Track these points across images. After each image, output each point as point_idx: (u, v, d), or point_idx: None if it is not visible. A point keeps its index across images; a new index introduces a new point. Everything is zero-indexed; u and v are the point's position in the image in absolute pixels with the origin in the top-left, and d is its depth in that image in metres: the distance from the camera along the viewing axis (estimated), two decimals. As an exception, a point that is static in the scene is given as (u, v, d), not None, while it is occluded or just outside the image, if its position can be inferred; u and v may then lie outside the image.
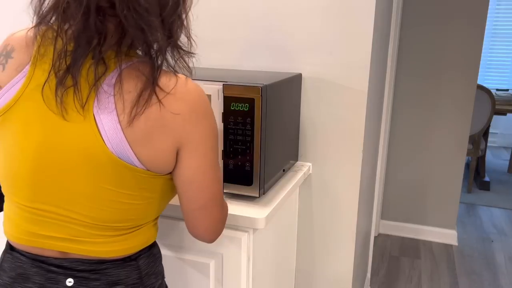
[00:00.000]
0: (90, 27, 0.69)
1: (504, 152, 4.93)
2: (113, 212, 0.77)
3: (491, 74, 4.97)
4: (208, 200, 0.82)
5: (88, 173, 0.73)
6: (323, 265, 1.50)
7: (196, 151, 0.78)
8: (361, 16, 1.27)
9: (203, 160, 0.79)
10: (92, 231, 0.77)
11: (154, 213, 0.84)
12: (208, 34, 1.44)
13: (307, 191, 1.45)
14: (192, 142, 0.77)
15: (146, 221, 0.83)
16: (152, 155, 0.75)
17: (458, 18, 2.50)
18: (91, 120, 0.72)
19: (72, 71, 0.70)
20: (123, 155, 0.73)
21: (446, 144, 2.67)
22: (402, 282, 2.39)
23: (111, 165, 0.73)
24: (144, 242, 0.84)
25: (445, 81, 2.59)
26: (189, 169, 0.79)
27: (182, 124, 0.75)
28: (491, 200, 3.50)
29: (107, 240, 0.79)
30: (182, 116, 0.74)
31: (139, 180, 0.76)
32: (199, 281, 1.12)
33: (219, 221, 0.86)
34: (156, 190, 0.80)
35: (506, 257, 2.66)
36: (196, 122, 0.76)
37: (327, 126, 1.38)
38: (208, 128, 0.79)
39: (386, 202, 2.87)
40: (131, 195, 0.77)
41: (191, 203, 0.82)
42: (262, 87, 1.01)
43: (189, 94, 0.76)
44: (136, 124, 0.72)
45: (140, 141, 0.73)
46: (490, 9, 4.72)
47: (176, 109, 0.74)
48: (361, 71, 1.31)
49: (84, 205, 0.75)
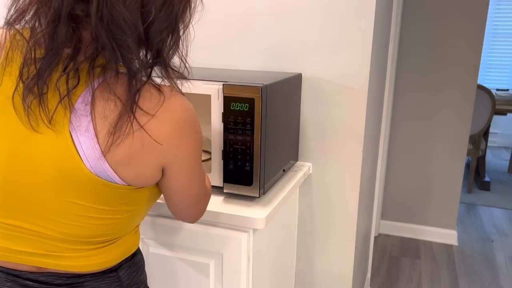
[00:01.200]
0: (59, 35, 0.64)
1: (504, 152, 4.93)
2: (88, 227, 0.72)
3: (491, 74, 4.97)
4: (194, 200, 0.84)
5: (62, 189, 0.69)
6: (323, 265, 1.50)
7: (182, 167, 0.76)
8: (361, 16, 1.27)
9: (190, 174, 0.78)
10: (68, 246, 0.74)
11: (135, 224, 0.81)
12: (208, 34, 1.44)
13: (307, 191, 1.45)
14: (178, 160, 0.74)
15: (126, 232, 0.80)
16: (135, 174, 0.71)
17: (458, 18, 2.50)
18: (67, 136, 0.67)
19: (37, 81, 0.65)
20: (102, 174, 0.68)
21: (446, 144, 2.67)
22: (402, 282, 2.39)
23: (89, 183, 0.68)
24: (125, 252, 0.81)
25: (445, 81, 2.59)
26: (176, 183, 0.78)
27: (167, 146, 0.71)
28: (491, 200, 3.50)
29: (85, 254, 0.75)
30: (166, 139, 0.70)
31: (120, 196, 0.72)
32: (199, 281, 1.12)
33: (203, 206, 0.89)
34: (138, 203, 0.76)
35: (506, 257, 2.66)
36: (182, 141, 0.72)
37: (327, 126, 1.38)
38: (194, 144, 0.75)
39: (386, 202, 2.87)
40: (110, 210, 0.72)
41: (178, 205, 0.84)
42: (262, 87, 1.01)
43: (174, 113, 0.70)
44: (116, 149, 0.67)
45: (122, 163, 0.68)
46: (490, 9, 4.72)
47: (160, 132, 0.69)
48: (361, 71, 1.31)
49: (56, 221, 0.71)
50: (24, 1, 0.66)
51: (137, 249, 0.87)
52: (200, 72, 1.27)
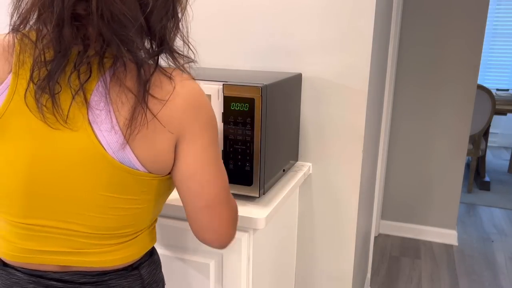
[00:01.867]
0: (65, 37, 0.65)
1: (504, 152, 4.93)
2: (115, 219, 0.74)
3: (491, 74, 4.97)
4: (213, 197, 0.77)
5: (88, 182, 0.70)
6: (323, 265, 1.50)
7: (194, 144, 0.74)
8: (361, 16, 1.27)
9: (202, 154, 0.75)
10: (94, 241, 0.75)
11: (153, 216, 0.83)
12: (208, 34, 1.44)
13: (307, 191, 1.45)
14: (190, 134, 0.74)
15: (146, 225, 0.82)
16: (154, 156, 0.73)
17: (458, 18, 2.50)
18: (88, 130, 0.69)
19: (49, 82, 0.66)
20: (124, 160, 0.70)
21: (446, 144, 2.67)
22: (402, 282, 2.39)
23: (112, 171, 0.70)
24: (145, 247, 0.83)
25: (445, 81, 2.59)
26: (188, 163, 0.75)
27: (180, 118, 0.72)
28: (491, 200, 3.50)
29: (110, 249, 0.77)
30: (179, 112, 0.72)
31: (141, 184, 0.74)
32: (199, 281, 1.12)
33: (228, 221, 0.80)
34: (155, 192, 0.78)
35: (506, 257, 2.66)
36: (193, 114, 0.73)
37: (327, 126, 1.38)
38: (206, 120, 0.75)
39: (386, 202, 2.87)
40: (133, 199, 0.75)
41: (194, 201, 0.77)
42: (262, 87, 1.01)
43: (186, 95, 0.72)
44: (135, 137, 0.70)
45: (142, 145, 0.71)
46: (490, 9, 4.72)
47: (174, 116, 0.71)
48: (361, 71, 1.31)
49: (85, 215, 0.73)
50: (25, 7, 0.67)
51: (154, 249, 0.89)
52: (200, 72, 1.27)
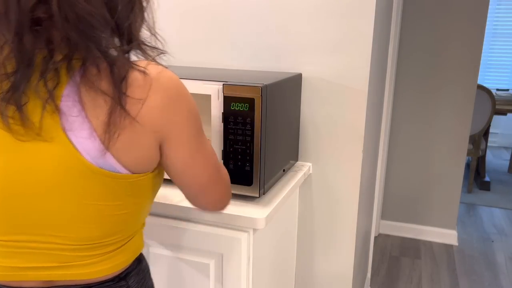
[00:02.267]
0: (27, 45, 0.60)
1: (504, 152, 4.93)
2: (101, 228, 0.71)
3: (491, 74, 4.97)
4: (206, 182, 0.81)
5: (68, 192, 0.66)
6: (323, 265, 1.50)
7: (180, 139, 0.73)
8: (361, 16, 1.27)
9: (190, 148, 0.75)
10: (79, 253, 0.72)
11: (140, 220, 0.80)
12: (208, 34, 1.44)
13: (307, 191, 1.45)
14: (175, 130, 0.72)
15: (134, 230, 0.79)
16: (137, 158, 0.70)
17: (458, 18, 2.50)
18: (62, 137, 0.64)
19: (13, 94, 0.61)
20: (105, 165, 0.67)
21: (446, 144, 2.67)
22: (402, 282, 2.39)
23: (95, 178, 0.67)
24: (133, 254, 0.80)
25: (445, 81, 2.59)
26: (178, 160, 0.75)
27: (161, 115, 0.69)
28: (491, 200, 3.50)
29: (96, 260, 0.74)
30: (159, 109, 0.68)
31: (125, 187, 0.70)
32: (199, 281, 1.12)
33: (222, 193, 0.87)
34: (140, 194, 0.74)
35: (506, 257, 2.66)
36: (174, 113, 0.71)
37: (327, 126, 1.38)
38: (188, 110, 0.73)
39: (386, 202, 2.87)
40: (118, 205, 0.71)
41: (189, 189, 0.81)
42: (262, 87, 1.01)
43: (164, 91, 0.69)
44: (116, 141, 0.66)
45: (123, 151, 0.67)
46: (490, 9, 4.72)
47: (154, 114, 0.68)
48: (361, 71, 1.31)
49: (68, 227, 0.69)
50: None
51: (142, 256, 0.86)
52: (200, 72, 1.27)
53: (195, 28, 1.45)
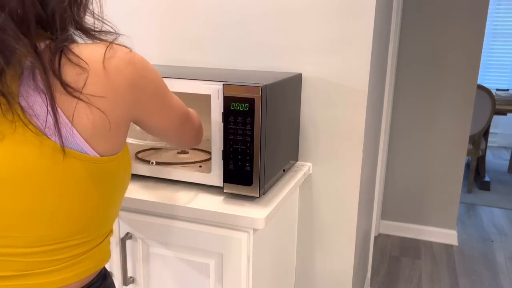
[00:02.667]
0: None
1: (504, 152, 4.93)
2: (64, 224, 0.66)
3: (491, 74, 4.97)
4: (178, 129, 0.87)
5: (32, 183, 0.61)
6: (323, 265, 1.50)
7: (151, 113, 0.76)
8: (361, 16, 1.27)
9: (161, 113, 0.79)
10: (40, 259, 0.66)
11: (109, 218, 0.75)
12: (208, 34, 1.44)
13: (307, 191, 1.45)
14: (147, 110, 0.74)
15: (101, 233, 0.74)
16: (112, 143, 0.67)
17: (458, 18, 2.50)
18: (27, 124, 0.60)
19: None
20: (73, 145, 0.63)
21: (446, 144, 2.67)
22: (402, 282, 2.39)
23: (59, 161, 0.62)
24: (98, 262, 0.75)
25: (445, 81, 2.59)
26: (154, 127, 0.80)
27: (127, 101, 0.67)
28: (491, 200, 3.50)
29: (58, 267, 0.68)
30: (124, 99, 0.67)
31: (93, 173, 0.66)
32: (199, 281, 1.12)
33: (193, 132, 0.94)
34: (109, 184, 0.70)
35: (506, 257, 2.66)
36: (141, 92, 0.70)
37: (327, 126, 1.38)
38: (151, 87, 0.72)
39: (386, 202, 2.87)
40: (84, 196, 0.66)
41: (167, 137, 0.89)
42: (262, 87, 1.01)
43: (115, 73, 0.65)
44: (81, 123, 0.63)
45: (91, 134, 0.64)
46: (490, 9, 4.72)
47: (115, 99, 0.65)
48: (361, 71, 1.31)
49: (28, 225, 0.63)
50: None
51: (108, 272, 0.82)
52: (200, 72, 1.27)
53: (195, 28, 1.45)
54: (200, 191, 1.15)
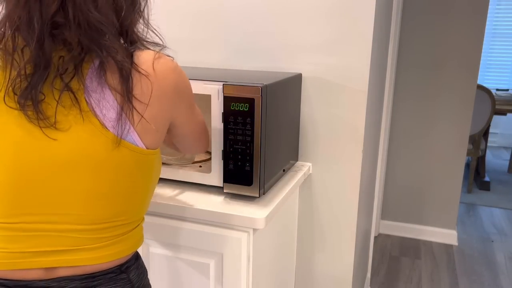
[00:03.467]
0: (46, 50, 0.66)
1: (504, 152, 4.93)
2: (113, 205, 0.74)
3: (491, 74, 4.97)
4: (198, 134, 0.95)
5: (90, 168, 0.70)
6: (323, 265, 1.50)
7: (184, 117, 0.85)
8: (361, 16, 1.27)
9: (190, 120, 0.88)
10: (87, 236, 0.73)
11: (146, 202, 0.83)
12: (207, 34, 1.44)
13: (307, 191, 1.45)
14: (180, 114, 0.83)
15: (138, 217, 0.82)
16: (152, 137, 0.77)
17: (458, 18, 2.50)
18: (90, 117, 0.70)
19: (31, 91, 0.67)
20: (128, 139, 0.72)
21: (446, 144, 2.67)
22: (402, 282, 2.39)
23: (113, 151, 0.71)
24: (135, 244, 0.82)
25: (445, 81, 2.59)
26: (185, 126, 0.88)
27: (167, 108, 0.77)
28: (491, 200, 3.50)
29: (103, 244, 0.75)
30: (164, 104, 0.76)
31: (140, 163, 0.75)
32: (199, 281, 1.12)
33: (207, 139, 1.01)
34: (150, 172, 0.79)
35: (506, 257, 2.66)
36: (179, 101, 0.80)
37: (327, 126, 1.38)
38: (188, 95, 0.83)
39: (386, 202, 2.87)
40: (131, 181, 0.75)
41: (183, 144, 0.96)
42: (262, 87, 1.01)
43: (167, 87, 0.76)
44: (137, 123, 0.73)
45: (143, 131, 0.74)
46: (490, 9, 4.72)
47: (162, 107, 0.76)
48: (361, 71, 1.31)
49: (82, 204, 0.71)
50: (3, 23, 0.68)
51: (139, 254, 0.88)
52: (200, 72, 1.27)
53: (195, 28, 1.45)
54: (200, 191, 1.15)
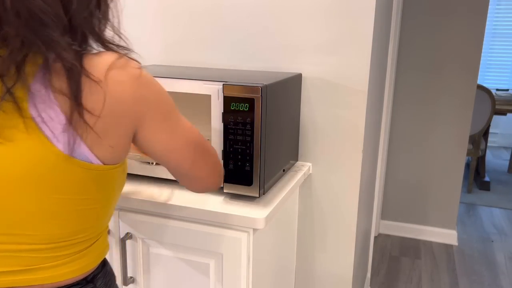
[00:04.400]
0: None
1: (504, 152, 4.93)
2: (69, 224, 0.69)
3: (491, 74, 4.97)
4: (191, 160, 0.80)
5: (35, 186, 0.63)
6: (323, 265, 1.50)
7: (154, 130, 0.73)
8: (361, 16, 1.27)
9: (164, 129, 0.74)
10: (46, 255, 0.68)
11: (107, 217, 0.78)
12: (208, 34, 1.44)
13: (307, 191, 1.45)
14: (152, 130, 0.72)
15: (101, 229, 0.77)
16: (109, 148, 0.68)
17: (458, 18, 2.50)
18: (34, 130, 0.62)
19: None
20: (78, 155, 0.65)
21: (446, 144, 2.67)
22: (402, 282, 2.39)
23: (65, 169, 0.64)
24: (99, 256, 0.78)
25: (445, 81, 2.59)
26: (157, 143, 0.75)
27: (132, 118, 0.69)
28: (491, 200, 3.50)
29: (63, 262, 0.71)
30: (124, 112, 0.67)
31: (96, 179, 0.68)
32: (199, 281, 1.12)
33: (210, 169, 0.85)
34: (110, 188, 0.73)
35: (506, 257, 2.66)
36: (140, 105, 0.70)
37: (327, 126, 1.38)
38: (155, 103, 0.72)
39: (386, 202, 2.87)
40: (87, 199, 0.69)
41: (175, 170, 0.81)
42: (262, 87, 1.01)
43: (119, 88, 0.66)
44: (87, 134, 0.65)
45: (96, 139, 0.66)
46: (490, 9, 4.72)
47: (117, 108, 0.66)
48: (361, 71, 1.31)
49: (36, 224, 0.66)
50: None
51: (106, 260, 0.84)
52: (200, 72, 1.27)
53: (195, 28, 1.45)
54: (200, 191, 1.15)
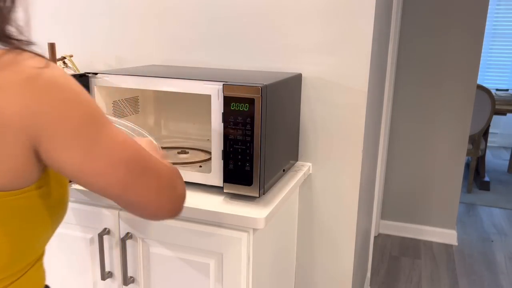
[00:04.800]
0: None
1: (504, 152, 4.93)
2: None
3: (491, 74, 4.97)
4: (123, 179, 0.61)
5: None
6: (323, 264, 1.50)
7: (60, 142, 0.56)
8: (361, 16, 1.27)
9: (77, 147, 0.57)
10: None
11: (35, 249, 0.63)
12: (208, 34, 1.44)
13: (307, 191, 1.45)
14: (48, 134, 0.55)
15: (26, 263, 0.63)
16: (7, 177, 0.55)
17: (458, 18, 2.50)
18: None
19: None
20: None
21: (446, 144, 2.68)
22: (402, 282, 2.39)
23: None
24: None
25: (445, 81, 2.59)
26: (68, 163, 0.57)
27: (20, 121, 0.53)
28: (491, 200, 3.50)
29: None
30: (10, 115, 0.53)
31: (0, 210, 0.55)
32: (199, 281, 1.12)
33: (158, 191, 0.65)
34: (26, 217, 0.59)
35: (506, 257, 2.66)
36: (43, 123, 0.54)
37: (327, 126, 1.38)
38: (60, 106, 0.55)
39: (386, 202, 2.87)
40: None
41: (106, 195, 0.62)
42: (262, 87, 1.01)
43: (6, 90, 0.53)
44: None
45: None
46: (490, 9, 4.72)
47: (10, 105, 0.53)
48: (361, 71, 1.31)
49: None
50: None
51: None
52: (200, 72, 1.27)
53: (195, 28, 1.45)
54: (200, 191, 1.15)
